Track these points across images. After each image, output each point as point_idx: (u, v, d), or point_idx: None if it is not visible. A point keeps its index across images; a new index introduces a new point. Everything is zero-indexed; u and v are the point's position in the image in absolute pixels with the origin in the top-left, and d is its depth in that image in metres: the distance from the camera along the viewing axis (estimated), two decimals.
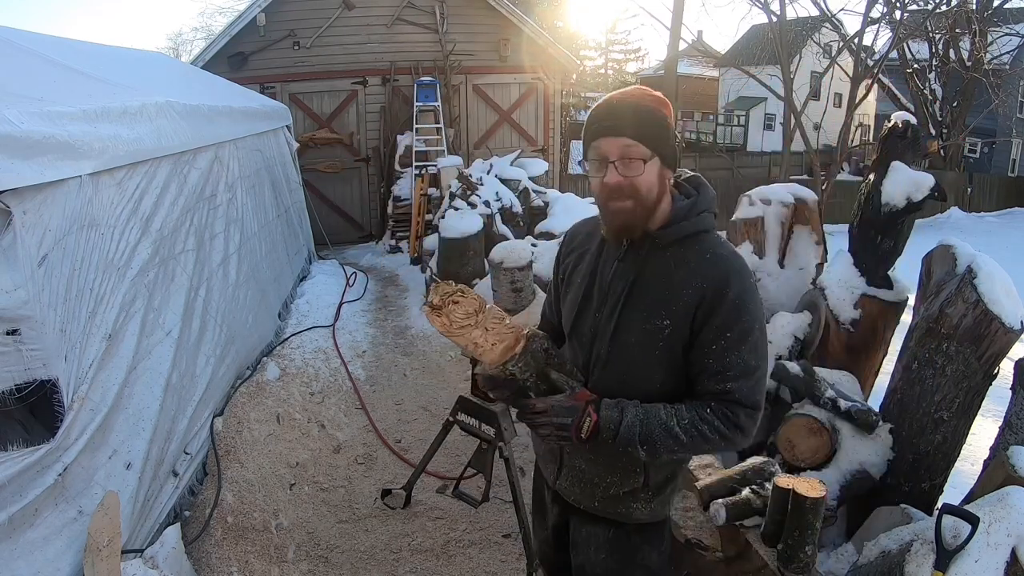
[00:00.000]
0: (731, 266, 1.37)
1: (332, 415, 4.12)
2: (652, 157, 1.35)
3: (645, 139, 1.34)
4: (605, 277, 1.48)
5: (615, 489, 1.52)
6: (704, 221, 1.42)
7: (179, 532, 2.61)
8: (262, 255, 5.04)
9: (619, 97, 1.40)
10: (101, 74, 3.35)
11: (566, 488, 1.59)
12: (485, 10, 9.31)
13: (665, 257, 1.41)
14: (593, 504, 1.55)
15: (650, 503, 1.53)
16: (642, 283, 1.42)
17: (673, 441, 1.34)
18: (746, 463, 2.27)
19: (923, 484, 2.43)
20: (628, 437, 1.35)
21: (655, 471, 1.50)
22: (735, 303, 1.34)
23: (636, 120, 1.35)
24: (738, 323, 1.34)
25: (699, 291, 1.35)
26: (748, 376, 1.35)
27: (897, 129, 2.94)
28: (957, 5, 14.65)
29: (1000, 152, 20.49)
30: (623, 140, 1.34)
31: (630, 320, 1.42)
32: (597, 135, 1.37)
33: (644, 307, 1.40)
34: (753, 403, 1.36)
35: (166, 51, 22.65)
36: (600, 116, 1.39)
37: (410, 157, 8.59)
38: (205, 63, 8.55)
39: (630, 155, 1.34)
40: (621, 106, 1.37)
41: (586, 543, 1.60)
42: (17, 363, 1.98)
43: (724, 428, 1.34)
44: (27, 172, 2.00)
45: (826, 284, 3.07)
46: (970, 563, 1.65)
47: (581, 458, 1.53)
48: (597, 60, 30.54)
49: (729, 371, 1.35)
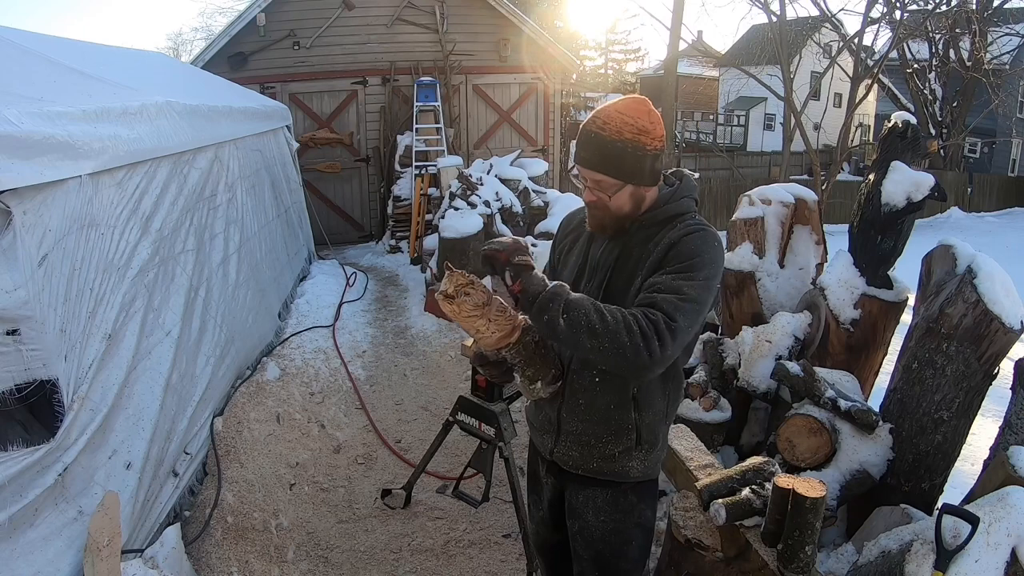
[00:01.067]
0: (700, 227, 1.52)
1: (332, 415, 4.12)
2: (624, 186, 1.52)
3: (615, 172, 1.50)
4: (595, 255, 1.65)
5: (611, 448, 1.63)
6: (684, 205, 1.58)
7: (179, 532, 2.61)
8: (262, 255, 5.04)
9: (599, 127, 1.50)
10: (101, 74, 3.34)
11: (563, 455, 1.70)
12: (485, 10, 9.31)
13: (648, 234, 1.57)
14: (591, 465, 1.66)
15: (644, 461, 1.66)
16: (625, 255, 1.58)
17: (598, 316, 1.37)
18: (746, 463, 2.27)
19: (923, 484, 2.43)
20: (555, 293, 1.40)
21: (646, 430, 1.63)
22: (689, 246, 1.47)
23: (607, 156, 1.50)
24: (687, 260, 1.46)
25: (667, 245, 1.51)
26: (675, 293, 1.41)
27: (897, 129, 2.94)
28: (957, 5, 14.66)
29: (1000, 152, 20.49)
30: (595, 174, 1.52)
31: (615, 287, 1.58)
32: (576, 162, 1.56)
33: (626, 274, 1.56)
34: (672, 315, 1.38)
35: (166, 51, 22.68)
36: (580, 143, 1.54)
37: (410, 157, 8.59)
38: (205, 63, 8.55)
39: (600, 186, 1.53)
40: (597, 140, 1.50)
41: (584, 507, 1.70)
42: (17, 363, 1.98)
43: (644, 325, 1.36)
44: (27, 172, 2.00)
45: (826, 284, 3.07)
46: (970, 563, 1.65)
47: (578, 420, 1.64)
48: (597, 60, 30.53)
49: (660, 287, 1.44)
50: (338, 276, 6.93)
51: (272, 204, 5.77)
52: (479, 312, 1.44)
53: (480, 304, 1.43)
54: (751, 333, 3.23)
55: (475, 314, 1.43)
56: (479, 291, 1.44)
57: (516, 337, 1.49)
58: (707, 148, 21.21)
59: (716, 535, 2.13)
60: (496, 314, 1.46)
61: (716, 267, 1.49)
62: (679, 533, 2.18)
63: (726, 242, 3.67)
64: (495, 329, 1.46)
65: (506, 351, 1.51)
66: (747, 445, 3.27)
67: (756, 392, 3.11)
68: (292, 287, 6.05)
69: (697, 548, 2.14)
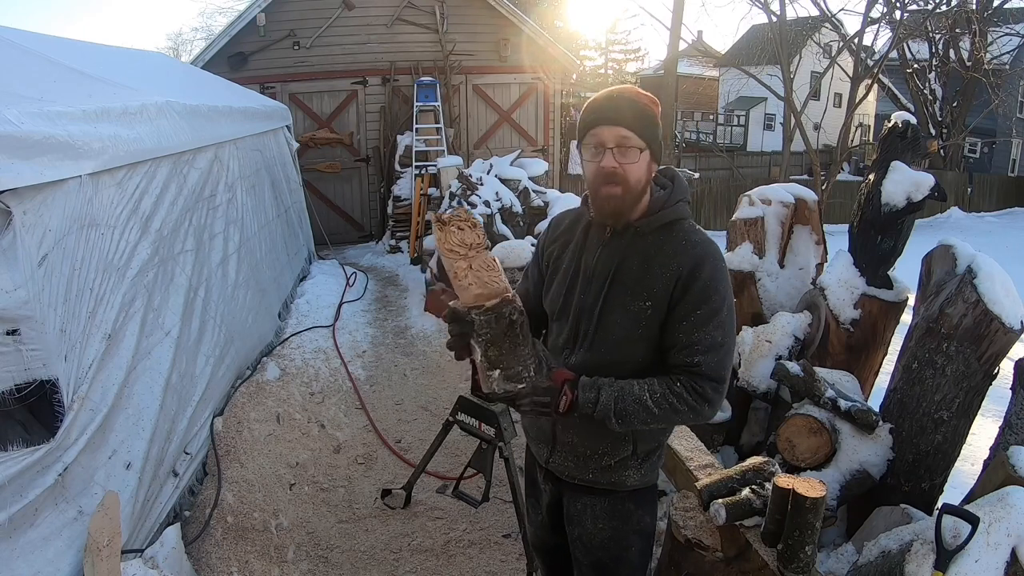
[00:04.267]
0: (705, 251, 1.48)
1: (332, 415, 4.12)
2: (644, 149, 1.45)
3: (640, 132, 1.44)
4: (590, 262, 1.57)
5: (607, 459, 1.61)
6: (680, 210, 1.54)
7: (179, 532, 2.61)
8: (262, 255, 5.04)
9: (617, 91, 1.49)
10: (101, 74, 3.34)
11: (559, 465, 1.67)
12: (485, 10, 9.31)
13: (646, 243, 1.52)
14: (587, 476, 1.64)
15: (640, 469, 1.63)
16: (625, 268, 1.51)
17: (646, 413, 1.45)
18: (746, 463, 2.27)
19: (923, 484, 2.43)
20: (604, 413, 1.46)
21: (643, 441, 1.60)
22: (706, 284, 1.44)
23: (633, 113, 1.45)
24: (708, 303, 1.44)
25: (676, 273, 1.46)
26: (715, 350, 1.45)
27: (897, 129, 2.94)
28: (957, 5, 14.66)
29: (1000, 152, 20.49)
30: (620, 130, 1.44)
31: (614, 302, 1.52)
32: (596, 123, 1.46)
33: (627, 290, 1.50)
34: (718, 376, 1.45)
35: (166, 51, 22.67)
36: (599, 106, 1.48)
37: (410, 157, 8.59)
38: (205, 63, 8.55)
39: (626, 144, 1.44)
40: (620, 99, 1.46)
41: (582, 515, 1.68)
42: (17, 363, 1.98)
43: (692, 400, 1.44)
44: (27, 172, 2.00)
45: (826, 284, 3.07)
46: (970, 563, 1.65)
47: (573, 433, 1.61)
48: (597, 60, 30.51)
49: (697, 345, 1.45)
50: (338, 276, 6.93)
51: (272, 204, 5.77)
52: (463, 251, 1.34)
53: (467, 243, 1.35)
54: (751, 333, 3.23)
55: (458, 251, 1.34)
56: (474, 233, 1.36)
57: (493, 304, 1.34)
58: (707, 148, 21.21)
59: (716, 535, 2.13)
60: (480, 264, 1.36)
61: (731, 291, 1.50)
62: (679, 533, 2.18)
63: (726, 242, 3.67)
64: (473, 281, 1.34)
65: (478, 314, 1.35)
66: (747, 445, 3.27)
67: (756, 392, 3.11)
68: (292, 287, 6.05)
69: (697, 548, 2.14)
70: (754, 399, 3.21)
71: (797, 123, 12.83)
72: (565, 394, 1.45)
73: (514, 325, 1.37)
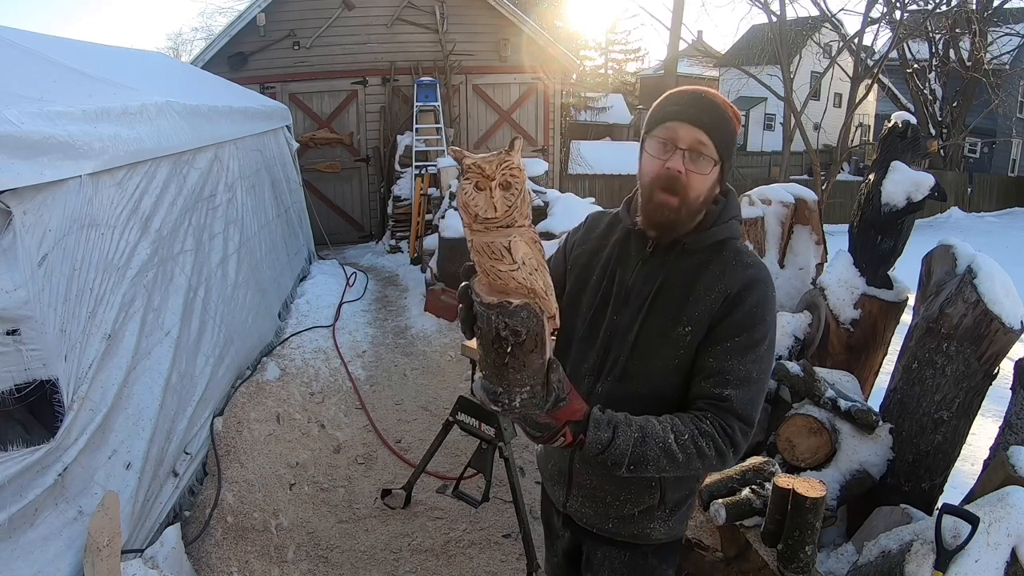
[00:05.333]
0: (756, 275, 1.30)
1: (332, 415, 4.12)
2: (717, 163, 1.28)
3: (719, 143, 1.27)
4: (626, 279, 1.37)
5: (629, 508, 1.41)
6: (732, 228, 1.36)
7: (179, 532, 2.61)
8: (262, 255, 5.04)
9: (705, 91, 1.31)
10: (101, 74, 3.34)
11: (577, 510, 1.49)
12: (485, 10, 9.31)
13: (693, 263, 1.33)
14: (607, 526, 1.45)
15: (667, 522, 1.43)
16: (668, 289, 1.32)
17: (667, 460, 1.21)
18: (746, 463, 2.27)
19: (923, 484, 2.43)
20: (616, 459, 1.20)
21: (672, 489, 1.40)
22: (752, 310, 1.28)
23: (718, 120, 1.28)
24: (750, 330, 1.27)
25: (722, 294, 1.28)
26: (747, 386, 1.26)
27: (897, 129, 2.94)
28: (957, 5, 14.65)
29: (1000, 152, 20.49)
30: (701, 134, 1.25)
31: (653, 327, 1.32)
32: (674, 117, 1.27)
33: (669, 315, 1.31)
34: (748, 417, 1.26)
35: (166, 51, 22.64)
36: (683, 101, 1.29)
37: (410, 157, 8.59)
38: (205, 63, 8.55)
39: (701, 151, 1.26)
40: (708, 100, 1.28)
41: (600, 566, 1.51)
42: (17, 363, 1.98)
43: (722, 443, 1.24)
44: (27, 172, 2.00)
45: (826, 284, 3.07)
46: (970, 563, 1.65)
47: (591, 474, 1.43)
48: (597, 60, 30.47)
49: (729, 375, 1.26)
50: (338, 276, 6.93)
51: (272, 204, 5.77)
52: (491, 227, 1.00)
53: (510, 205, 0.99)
54: None
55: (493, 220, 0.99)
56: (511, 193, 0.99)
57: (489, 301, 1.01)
58: None
59: (716, 535, 2.13)
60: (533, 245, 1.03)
61: (775, 324, 1.32)
62: None
63: None
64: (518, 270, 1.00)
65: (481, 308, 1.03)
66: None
67: None
68: (292, 287, 6.04)
69: (697, 548, 2.14)
70: None
71: (797, 123, 12.83)
72: (564, 435, 1.17)
73: (502, 342, 1.02)
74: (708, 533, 2.16)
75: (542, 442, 1.19)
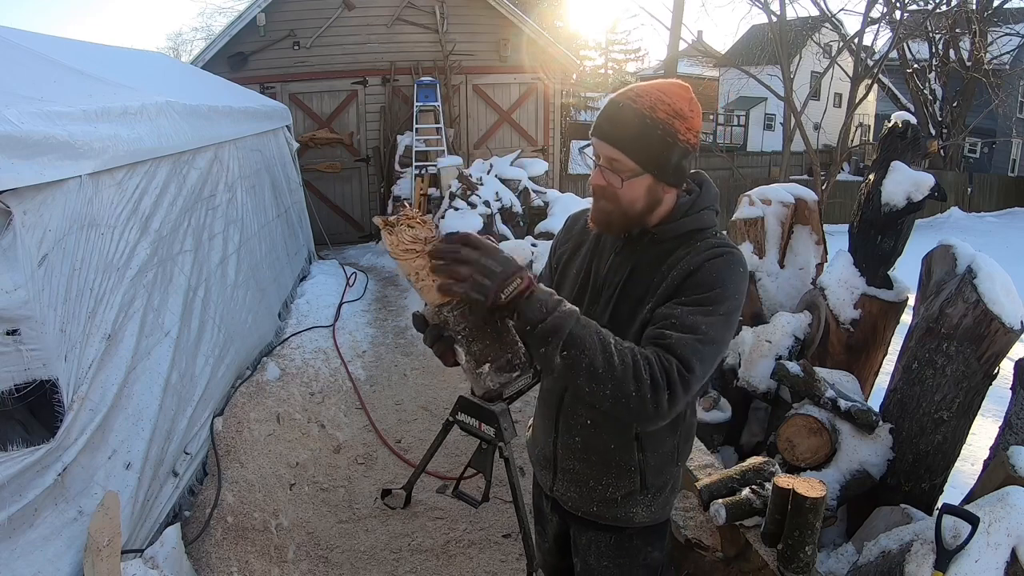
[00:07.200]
0: (726, 251, 1.29)
1: (332, 415, 4.12)
2: (641, 174, 1.28)
3: (636, 156, 1.27)
4: (600, 271, 1.43)
5: (612, 491, 1.47)
6: (705, 218, 1.36)
7: (179, 532, 2.61)
8: (262, 255, 5.04)
9: (632, 97, 1.29)
10: (101, 74, 3.34)
11: (563, 494, 1.55)
12: (485, 10, 9.32)
13: (661, 249, 1.35)
14: (592, 509, 1.51)
15: (650, 507, 1.48)
16: (636, 274, 1.36)
17: (603, 359, 1.14)
18: (746, 463, 2.27)
19: (923, 484, 2.43)
20: (555, 326, 1.14)
21: (651, 473, 1.44)
22: (711, 273, 1.26)
23: (634, 132, 1.27)
24: (707, 290, 1.24)
25: (684, 271, 1.28)
26: (692, 334, 1.20)
27: (897, 129, 2.94)
28: (957, 5, 14.66)
29: (1000, 152, 20.50)
30: (612, 150, 1.29)
31: (623, 311, 1.36)
32: (594, 131, 1.32)
33: (635, 297, 1.34)
34: (688, 361, 1.17)
35: (166, 51, 22.64)
36: (604, 113, 1.31)
37: (410, 157, 8.59)
38: (205, 63, 8.55)
39: (614, 167, 1.29)
40: (626, 112, 1.28)
41: (587, 549, 1.58)
42: (17, 363, 1.98)
43: (658, 373, 1.15)
44: (27, 172, 2.00)
45: (826, 284, 3.07)
46: (970, 563, 1.65)
47: (574, 459, 1.49)
48: (597, 60, 30.50)
49: (674, 319, 1.22)
50: (338, 276, 6.93)
51: (272, 204, 5.77)
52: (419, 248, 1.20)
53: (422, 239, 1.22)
54: (751, 333, 3.23)
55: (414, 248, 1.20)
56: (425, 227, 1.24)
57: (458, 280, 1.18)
58: (707, 148, 21.18)
59: (716, 535, 2.13)
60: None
61: (739, 298, 1.27)
62: (679, 533, 2.18)
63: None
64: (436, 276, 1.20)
65: (448, 312, 1.22)
66: (747, 445, 3.27)
67: (756, 392, 3.11)
68: (292, 287, 6.05)
69: (697, 548, 2.14)
70: (754, 399, 3.21)
71: (797, 123, 12.83)
72: (520, 278, 1.15)
73: (493, 310, 1.20)
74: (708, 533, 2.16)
75: (492, 290, 1.14)
